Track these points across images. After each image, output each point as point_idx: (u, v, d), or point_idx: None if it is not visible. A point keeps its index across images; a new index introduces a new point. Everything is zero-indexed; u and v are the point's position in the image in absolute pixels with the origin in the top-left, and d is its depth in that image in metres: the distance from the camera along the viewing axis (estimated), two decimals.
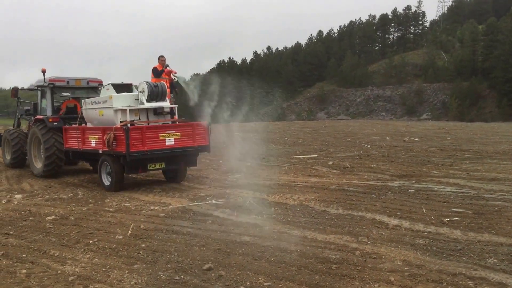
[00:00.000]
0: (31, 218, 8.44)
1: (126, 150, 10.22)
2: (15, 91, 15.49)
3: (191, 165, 12.27)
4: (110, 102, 11.12)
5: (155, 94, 11.25)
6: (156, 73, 12.65)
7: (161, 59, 12.90)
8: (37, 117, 13.86)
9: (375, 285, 5.13)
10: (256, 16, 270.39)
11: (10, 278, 5.45)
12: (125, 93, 11.46)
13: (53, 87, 13.78)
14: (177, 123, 11.81)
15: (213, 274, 5.51)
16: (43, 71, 13.67)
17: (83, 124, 12.63)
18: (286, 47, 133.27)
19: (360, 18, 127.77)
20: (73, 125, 12.85)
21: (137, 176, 13.28)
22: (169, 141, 10.89)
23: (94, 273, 5.58)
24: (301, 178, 12.69)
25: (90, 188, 11.50)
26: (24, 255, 6.27)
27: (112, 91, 11.40)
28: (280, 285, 5.17)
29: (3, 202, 9.97)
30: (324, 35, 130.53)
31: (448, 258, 5.94)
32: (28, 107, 15.51)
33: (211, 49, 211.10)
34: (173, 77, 12.91)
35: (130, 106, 11.19)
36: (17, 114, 16.53)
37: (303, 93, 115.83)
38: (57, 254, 6.33)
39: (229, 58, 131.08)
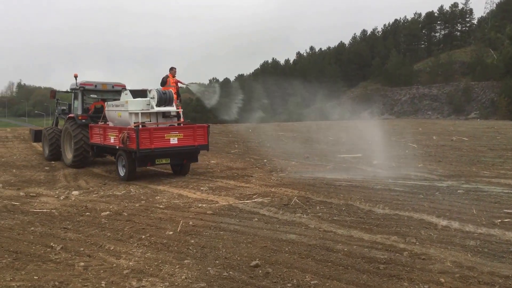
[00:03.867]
0: (87, 213, 8.78)
1: (137, 147, 11.90)
2: (53, 93, 17.89)
3: (192, 161, 13.76)
4: (126, 106, 12.91)
5: (163, 100, 12.98)
6: (162, 82, 14.69)
7: (173, 70, 14.99)
8: (69, 115, 15.98)
9: (424, 286, 5.08)
10: (305, 14, 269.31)
11: (69, 271, 5.70)
12: (139, 99, 13.04)
13: (83, 90, 15.80)
14: (181, 125, 13.39)
15: (260, 271, 5.60)
16: (75, 76, 15.90)
17: (107, 123, 14.34)
18: (329, 47, 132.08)
19: (405, 16, 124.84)
20: (98, 123, 14.63)
21: (183, 176, 13.60)
22: (173, 141, 12.52)
23: (147, 267, 5.77)
24: (345, 177, 12.63)
25: (141, 186, 11.88)
26: (81, 249, 6.54)
27: (129, 96, 13.16)
28: (327, 284, 5.20)
29: (62, 198, 10.41)
30: (368, 34, 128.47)
31: (500, 260, 5.81)
32: (64, 107, 17.64)
33: (260, 49, 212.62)
34: (180, 85, 15.10)
35: (142, 110, 12.86)
36: (56, 113, 18.62)
37: (346, 93, 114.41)
38: (112, 248, 6.58)
39: (273, 59, 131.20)
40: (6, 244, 6.74)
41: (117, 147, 12.84)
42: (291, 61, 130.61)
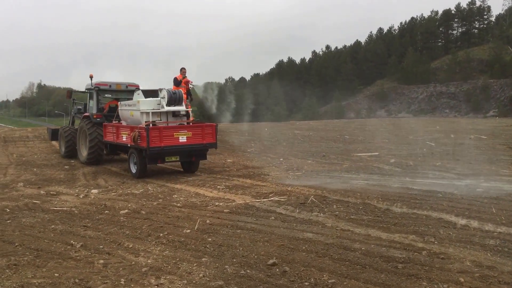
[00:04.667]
0: (106, 211, 8.90)
1: (147, 145, 12.30)
2: (69, 93, 18.59)
3: (201, 159, 14.06)
4: (138, 106, 13.37)
5: (173, 99, 13.35)
6: (175, 82, 14.92)
7: (183, 70, 15.19)
8: (85, 114, 16.56)
9: (443, 285, 5.03)
10: (321, 13, 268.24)
11: (89, 268, 5.77)
12: (150, 98, 13.48)
13: (98, 90, 16.36)
14: (191, 124, 13.74)
15: (277, 270, 5.60)
16: (91, 77, 16.43)
17: (121, 122, 14.72)
18: (345, 45, 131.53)
19: (422, 14, 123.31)
20: (112, 122, 15.01)
21: (200, 174, 13.68)
22: (182, 139, 12.90)
23: (165, 265, 5.82)
24: (362, 175, 12.57)
25: (159, 184, 12.00)
26: (101, 247, 6.62)
27: (141, 96, 13.63)
28: (344, 283, 5.17)
29: (81, 197, 10.55)
30: (384, 32, 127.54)
31: None
32: (80, 107, 18.16)
33: (279, 47, 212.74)
34: (190, 86, 15.37)
35: (153, 109, 13.30)
36: (72, 112, 19.22)
37: (362, 91, 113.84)
38: (131, 246, 6.64)
39: (288, 58, 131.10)
40: (27, 242, 6.86)
41: (129, 145, 13.27)
42: (307, 60, 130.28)
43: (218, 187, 11.29)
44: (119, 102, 15.40)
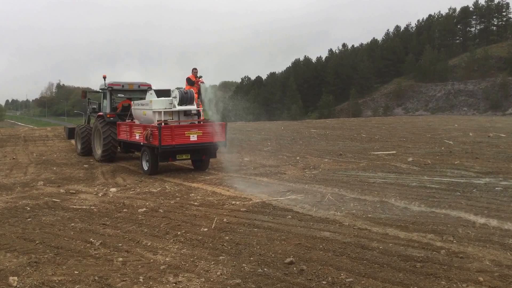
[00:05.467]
0: (125, 210, 8.98)
1: (159, 143, 12.54)
2: (84, 93, 19.27)
3: (211, 157, 14.24)
4: (151, 105, 13.68)
5: (185, 99, 13.59)
6: (190, 82, 15.35)
7: (194, 70, 15.62)
8: (99, 113, 17.06)
9: (462, 285, 4.99)
10: (337, 11, 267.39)
11: (108, 265, 5.85)
12: (162, 98, 13.73)
13: (111, 90, 16.75)
14: (201, 123, 13.97)
15: (294, 268, 5.60)
16: (104, 77, 16.89)
17: (134, 121, 15.07)
18: (361, 44, 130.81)
19: (440, 11, 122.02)
20: (126, 121, 15.38)
21: (217, 173, 13.74)
22: (193, 137, 13.17)
23: (183, 263, 5.87)
24: (380, 174, 12.49)
25: (176, 183, 12.06)
26: (120, 244, 6.69)
27: (154, 96, 13.88)
28: (362, 282, 5.16)
29: (100, 195, 10.66)
30: (401, 30, 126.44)
31: None
32: (95, 106, 18.60)
33: (295, 46, 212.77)
34: (201, 83, 15.55)
35: (165, 108, 13.56)
36: (87, 112, 19.57)
37: (379, 89, 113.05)
38: (149, 244, 6.71)
39: (304, 56, 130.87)
40: (47, 240, 6.97)
41: (142, 143, 13.60)
42: (323, 59, 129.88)
43: (235, 186, 11.31)
44: (132, 102, 15.71)
